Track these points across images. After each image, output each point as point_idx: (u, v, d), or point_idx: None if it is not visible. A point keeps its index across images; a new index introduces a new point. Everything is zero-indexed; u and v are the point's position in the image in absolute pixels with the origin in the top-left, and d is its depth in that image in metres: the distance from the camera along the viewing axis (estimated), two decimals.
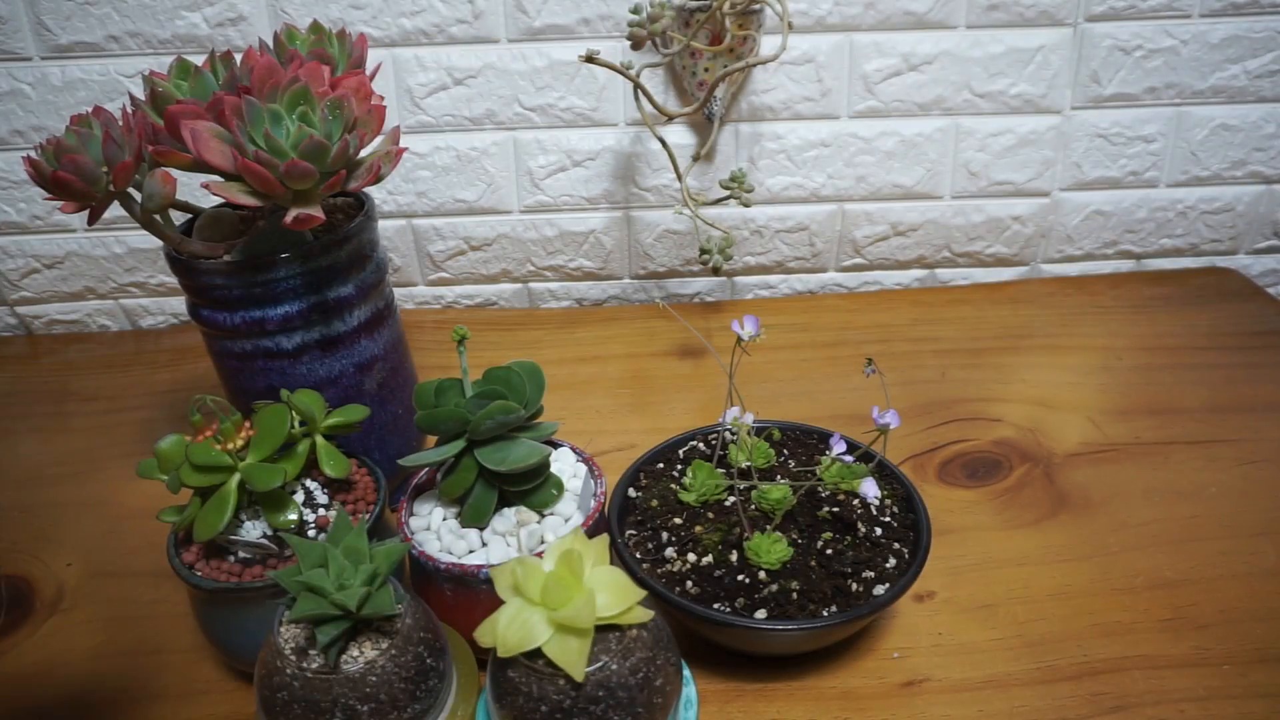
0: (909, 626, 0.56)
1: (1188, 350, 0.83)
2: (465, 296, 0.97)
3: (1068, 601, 0.58)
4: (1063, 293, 0.93)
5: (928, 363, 0.83)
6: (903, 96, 0.87)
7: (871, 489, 0.52)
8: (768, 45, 0.82)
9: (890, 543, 0.55)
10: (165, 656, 0.57)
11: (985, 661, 0.54)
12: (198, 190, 0.78)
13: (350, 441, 0.60)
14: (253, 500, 0.52)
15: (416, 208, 0.91)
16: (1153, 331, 0.86)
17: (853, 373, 0.81)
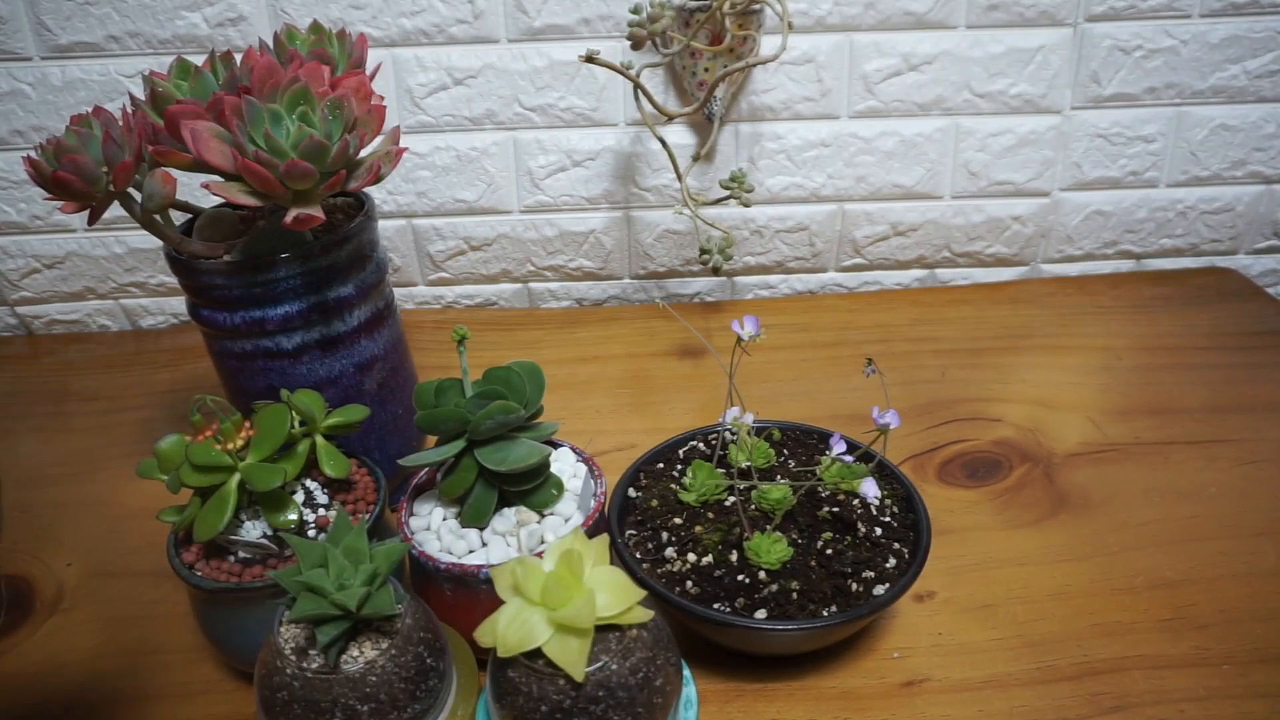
0: (909, 626, 0.56)
1: (1188, 350, 0.83)
2: (465, 296, 0.97)
3: (1068, 601, 0.58)
4: (1063, 293, 0.93)
5: (928, 363, 0.83)
6: (903, 96, 0.87)
7: (871, 489, 0.52)
8: (768, 45, 0.82)
9: (890, 543, 0.55)
10: (165, 656, 0.57)
11: (985, 661, 0.54)
12: (198, 190, 0.78)
13: (350, 441, 0.60)
14: (253, 500, 0.52)
15: (416, 208, 0.91)
16: (1153, 331, 0.86)
17: (853, 373, 0.81)
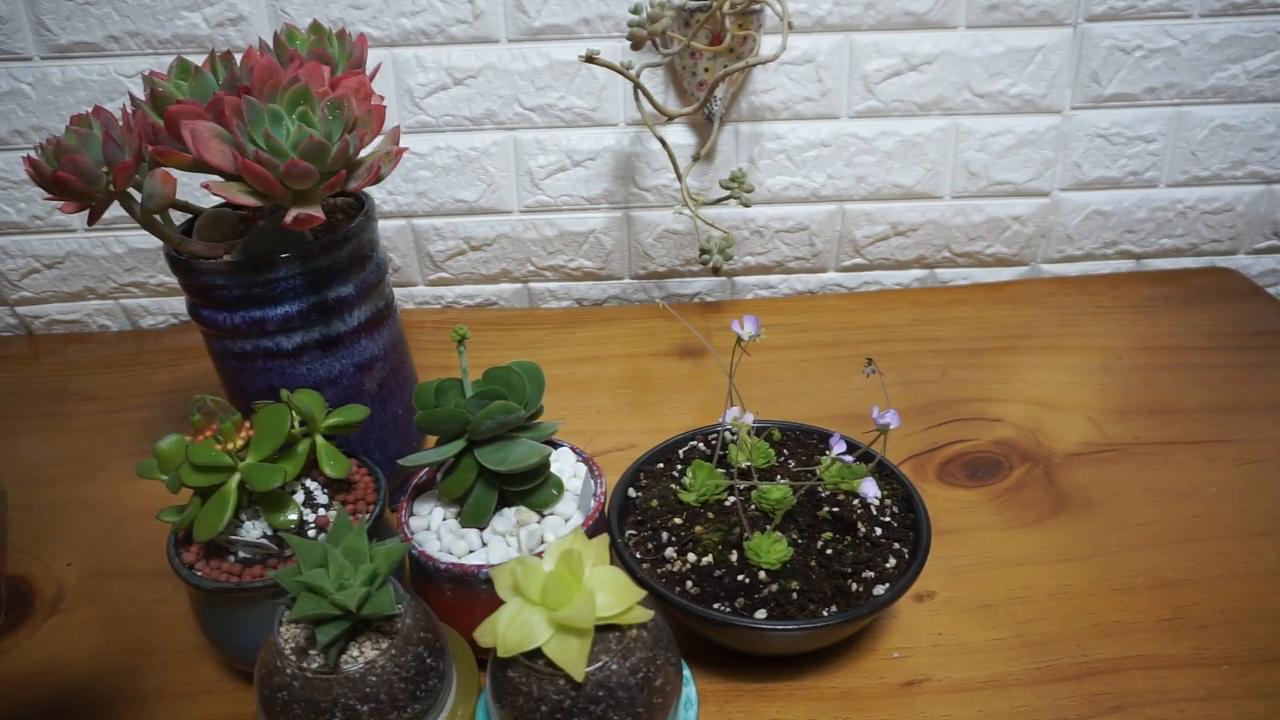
0: (909, 626, 0.56)
1: (1188, 350, 0.83)
2: (465, 296, 0.97)
3: (1068, 601, 0.58)
4: (1063, 293, 0.93)
5: (928, 363, 0.83)
6: (903, 96, 0.87)
7: (871, 489, 0.52)
8: (768, 45, 0.82)
9: (890, 543, 0.55)
10: (165, 656, 0.57)
11: (985, 661, 0.54)
12: (198, 190, 0.78)
13: (350, 441, 0.60)
14: (253, 500, 0.52)
15: (416, 208, 0.91)
16: (1153, 331, 0.86)
17: (853, 373, 0.81)
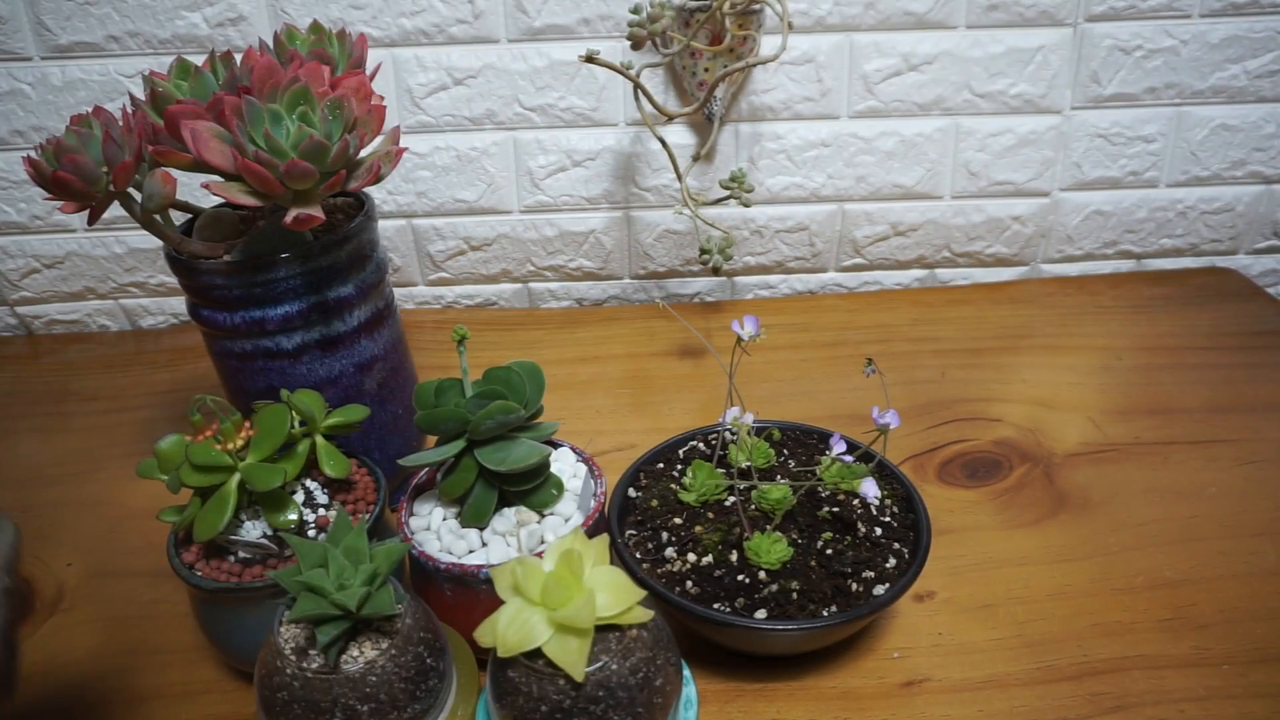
0: (909, 626, 0.56)
1: (1188, 350, 0.83)
2: (465, 296, 0.97)
3: (1068, 601, 0.58)
4: (1063, 293, 0.93)
5: (928, 363, 0.83)
6: (903, 96, 0.87)
7: (871, 489, 0.52)
8: (768, 45, 0.82)
9: (890, 543, 0.55)
10: (165, 656, 0.57)
11: (985, 661, 0.54)
12: (198, 190, 0.78)
13: (350, 441, 0.60)
14: (253, 500, 0.52)
15: (416, 208, 0.91)
16: (1153, 331, 0.86)
17: (853, 373, 0.81)
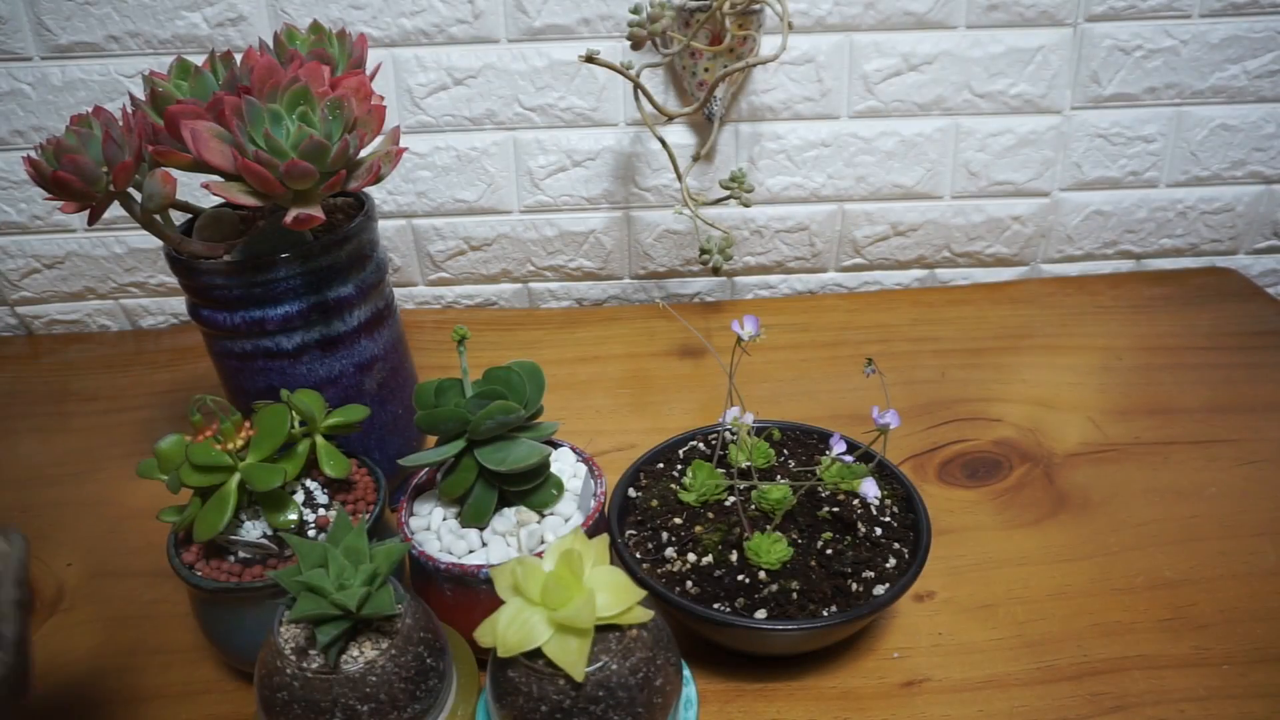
0: (909, 626, 0.56)
1: (1188, 350, 0.83)
2: (465, 296, 0.97)
3: (1068, 601, 0.58)
4: (1063, 293, 0.93)
5: (928, 363, 0.83)
6: (903, 96, 0.87)
7: (871, 489, 0.52)
8: (768, 45, 0.82)
9: (890, 543, 0.55)
10: (165, 656, 0.57)
11: (985, 661, 0.54)
12: (198, 190, 0.78)
13: (350, 441, 0.60)
14: (253, 500, 0.52)
15: (416, 208, 0.91)
16: (1153, 331, 0.86)
17: (853, 373, 0.81)
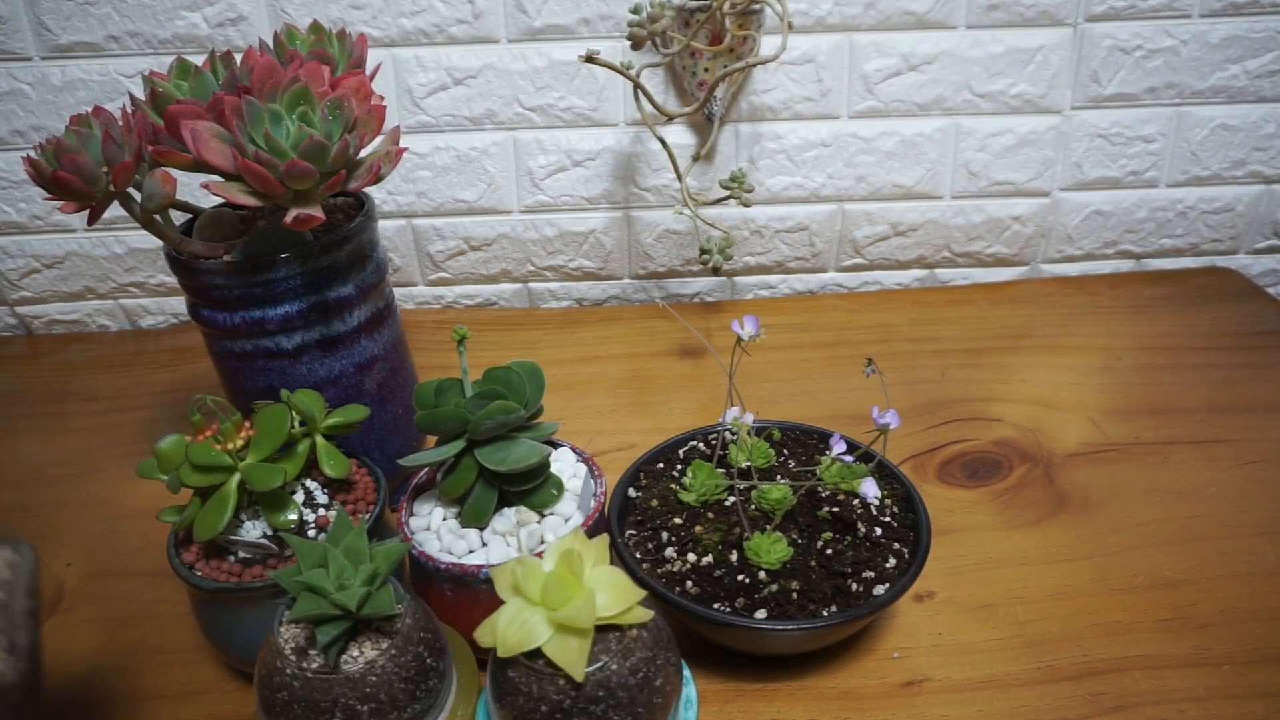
0: (909, 626, 0.56)
1: (1188, 350, 0.83)
2: (465, 296, 0.97)
3: (1068, 601, 0.58)
4: (1063, 293, 0.93)
5: (928, 363, 0.83)
6: (903, 96, 0.87)
7: (871, 489, 0.52)
8: (768, 45, 0.82)
9: (890, 543, 0.55)
10: (165, 656, 0.57)
11: (985, 661, 0.54)
12: (198, 190, 0.78)
13: (350, 441, 0.60)
14: (253, 500, 0.52)
15: (416, 208, 0.91)
16: (1153, 331, 0.86)
17: (853, 373, 0.81)
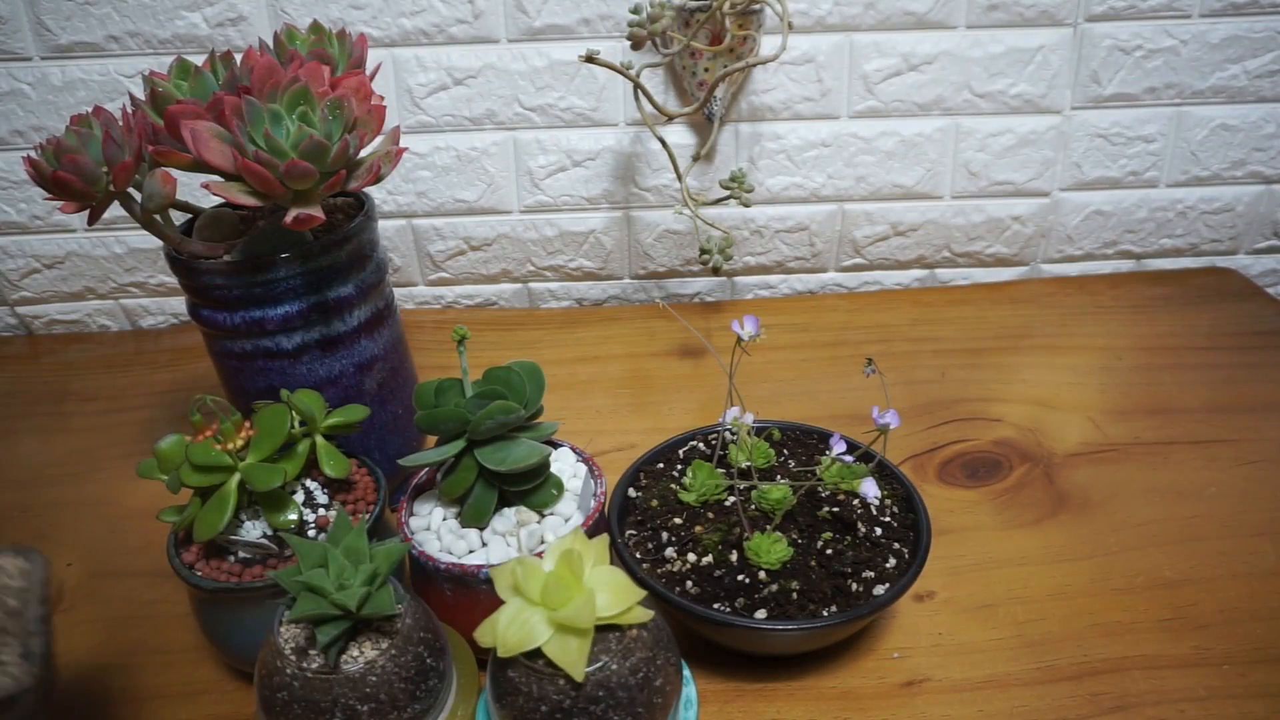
0: (909, 626, 0.56)
1: (1188, 350, 0.83)
2: (465, 296, 0.97)
3: (1068, 601, 0.58)
4: (1063, 293, 0.93)
5: (928, 363, 0.83)
6: (903, 96, 0.87)
7: (871, 489, 0.52)
8: (768, 45, 0.82)
9: (890, 543, 0.55)
10: (165, 656, 0.57)
11: (985, 661, 0.54)
12: (198, 190, 0.78)
13: (350, 441, 0.60)
14: (253, 500, 0.52)
15: (416, 208, 0.91)
16: (1153, 331, 0.86)
17: (853, 373, 0.81)
